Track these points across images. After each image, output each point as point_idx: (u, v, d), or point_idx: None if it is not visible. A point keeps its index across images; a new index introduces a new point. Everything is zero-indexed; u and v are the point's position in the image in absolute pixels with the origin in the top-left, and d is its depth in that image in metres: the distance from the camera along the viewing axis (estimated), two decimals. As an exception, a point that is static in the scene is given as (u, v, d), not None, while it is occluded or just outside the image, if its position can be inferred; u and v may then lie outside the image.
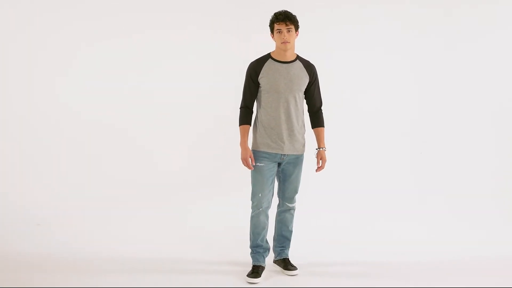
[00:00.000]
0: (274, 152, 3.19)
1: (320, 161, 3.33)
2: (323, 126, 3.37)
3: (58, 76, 5.18)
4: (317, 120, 3.36)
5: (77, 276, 3.35)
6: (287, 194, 3.35)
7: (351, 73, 5.27)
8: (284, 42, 3.09)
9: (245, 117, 3.24)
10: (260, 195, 3.24)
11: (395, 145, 5.22)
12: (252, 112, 3.26)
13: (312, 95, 3.30)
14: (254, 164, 3.18)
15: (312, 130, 3.40)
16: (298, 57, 3.25)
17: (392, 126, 5.25)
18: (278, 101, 3.15)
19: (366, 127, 5.26)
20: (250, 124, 3.25)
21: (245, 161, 3.17)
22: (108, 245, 3.97)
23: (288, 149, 3.20)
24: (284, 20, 3.06)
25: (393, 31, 5.26)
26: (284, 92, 3.14)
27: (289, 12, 3.11)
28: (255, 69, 3.18)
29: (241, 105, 3.27)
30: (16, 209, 4.57)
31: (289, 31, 3.08)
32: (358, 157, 5.22)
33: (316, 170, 3.36)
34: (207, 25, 5.32)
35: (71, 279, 3.31)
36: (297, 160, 3.29)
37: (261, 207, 3.27)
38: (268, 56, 3.22)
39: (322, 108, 3.39)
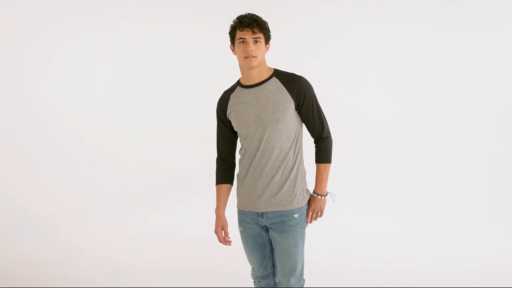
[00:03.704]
0: (248, 210, 2.31)
1: (311, 212, 2.37)
2: (324, 161, 2.34)
3: (67, 77, 5.17)
4: (317, 153, 2.36)
5: (77, 276, 3.35)
6: (279, 271, 2.37)
7: (351, 72, 5.27)
8: (248, 57, 2.17)
9: (219, 173, 2.40)
10: (252, 267, 2.46)
11: (395, 145, 5.20)
12: (228, 165, 2.41)
13: (307, 120, 2.29)
14: (229, 239, 2.33)
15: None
16: (275, 73, 2.29)
17: (391, 125, 5.24)
18: (250, 141, 2.26)
19: (366, 127, 5.25)
20: (229, 182, 2.39)
21: (216, 235, 2.33)
22: (109, 245, 3.97)
23: (264, 206, 2.26)
24: (250, 25, 2.16)
25: (391, 29, 5.25)
26: (256, 128, 2.23)
27: (258, 16, 2.21)
28: (221, 104, 2.34)
29: (217, 156, 2.46)
30: (16, 209, 4.56)
31: (256, 41, 2.18)
32: (357, 157, 5.21)
33: (306, 222, 2.35)
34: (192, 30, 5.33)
35: (71, 279, 3.31)
36: (283, 226, 2.26)
37: (257, 280, 2.47)
38: (237, 83, 2.36)
39: (326, 136, 2.34)
